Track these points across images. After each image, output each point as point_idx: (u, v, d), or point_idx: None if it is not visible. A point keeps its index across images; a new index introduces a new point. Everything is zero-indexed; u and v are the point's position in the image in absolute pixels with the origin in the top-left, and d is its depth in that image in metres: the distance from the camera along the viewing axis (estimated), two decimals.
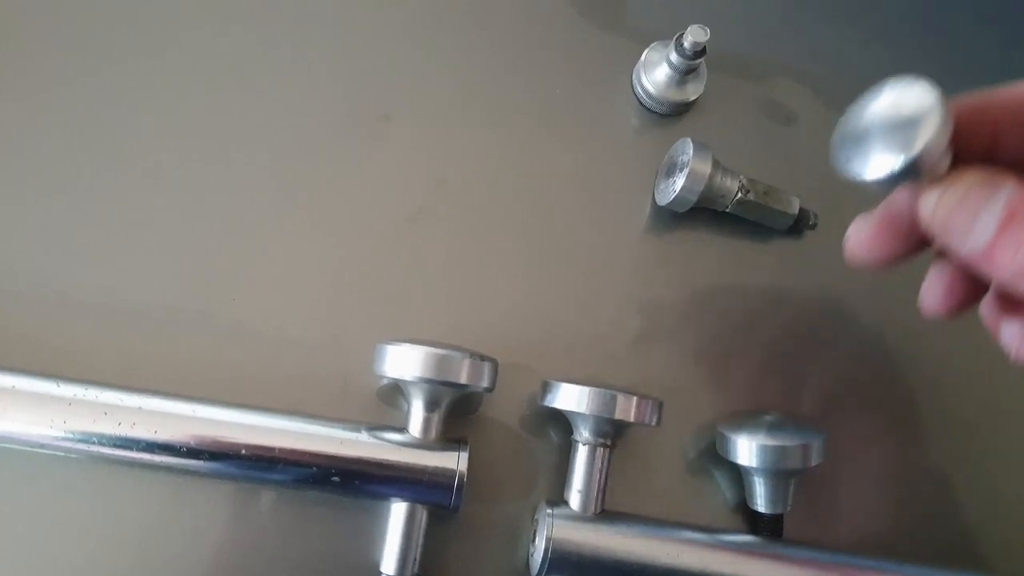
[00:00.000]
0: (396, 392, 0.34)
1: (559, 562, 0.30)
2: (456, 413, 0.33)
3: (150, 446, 0.29)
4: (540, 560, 0.30)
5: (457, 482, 0.30)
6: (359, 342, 0.33)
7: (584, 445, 0.32)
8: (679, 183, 0.35)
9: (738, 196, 0.36)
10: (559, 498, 0.32)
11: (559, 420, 0.34)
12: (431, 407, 0.31)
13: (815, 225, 0.38)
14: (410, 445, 0.30)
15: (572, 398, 0.31)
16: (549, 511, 0.31)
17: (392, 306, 0.35)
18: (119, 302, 0.33)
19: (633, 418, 0.31)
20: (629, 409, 0.30)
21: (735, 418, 0.34)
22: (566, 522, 0.31)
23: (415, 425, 0.31)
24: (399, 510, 0.30)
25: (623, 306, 0.37)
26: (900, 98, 0.21)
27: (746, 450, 0.32)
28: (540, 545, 0.31)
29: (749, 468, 0.33)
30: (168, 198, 0.34)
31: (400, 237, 0.36)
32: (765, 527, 0.33)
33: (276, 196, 0.35)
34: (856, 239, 0.26)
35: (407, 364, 0.29)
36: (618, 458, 0.34)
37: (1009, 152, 0.22)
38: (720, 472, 0.35)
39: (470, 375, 0.30)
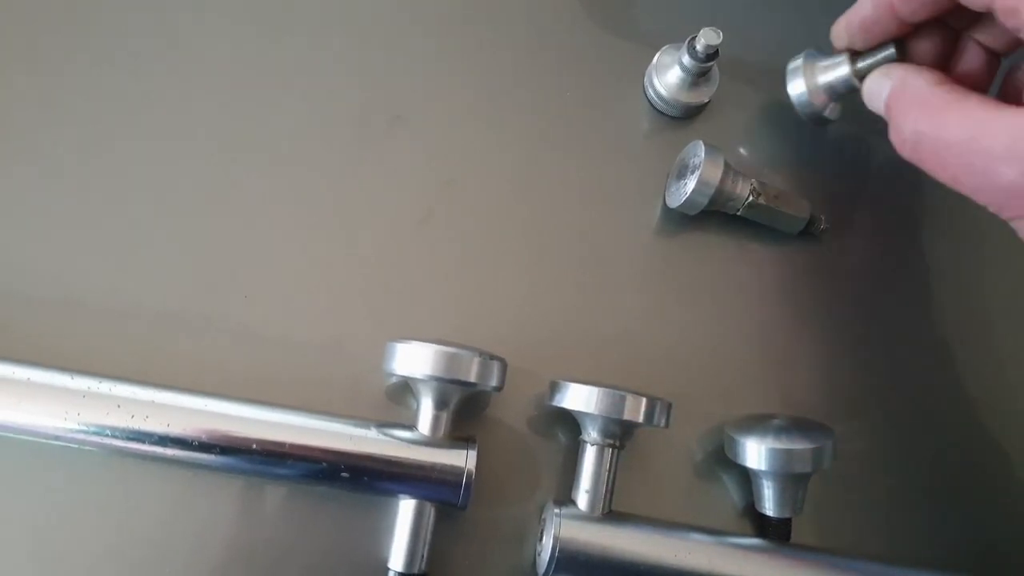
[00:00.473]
0: (405, 391, 0.34)
1: (566, 561, 0.30)
2: (465, 413, 0.34)
3: (162, 439, 0.29)
4: (547, 559, 0.30)
5: (465, 480, 0.30)
6: (368, 343, 0.33)
7: (592, 445, 0.32)
8: (690, 186, 0.35)
9: (749, 199, 0.36)
10: (567, 498, 0.32)
11: (567, 420, 0.34)
12: (440, 405, 0.31)
13: (827, 229, 0.38)
14: (419, 443, 0.31)
15: (581, 398, 0.31)
16: (557, 510, 0.31)
17: (402, 307, 0.35)
18: (131, 304, 0.33)
19: (642, 419, 0.31)
20: (638, 410, 0.31)
21: (743, 421, 0.34)
22: (573, 522, 0.31)
23: (424, 423, 0.31)
24: (407, 507, 0.30)
25: (632, 308, 0.37)
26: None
27: (754, 453, 0.32)
28: (547, 544, 0.31)
29: (757, 471, 0.32)
30: (178, 199, 0.34)
31: (410, 238, 0.36)
32: (773, 531, 0.33)
33: (286, 196, 0.35)
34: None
35: (417, 362, 0.29)
36: (626, 459, 0.34)
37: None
38: (728, 475, 0.35)
39: (479, 374, 0.30)
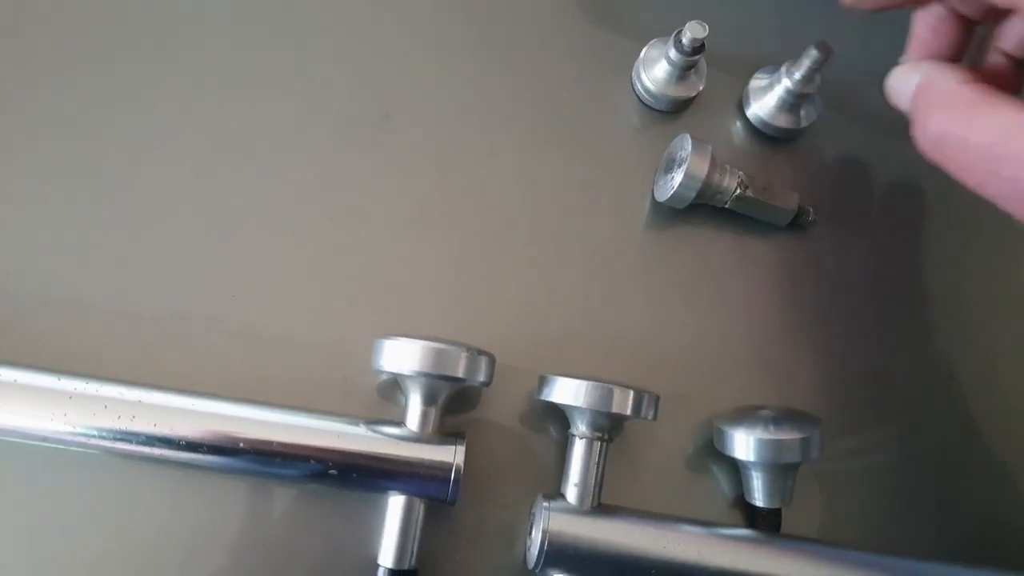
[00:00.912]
0: (396, 388, 0.34)
1: (556, 555, 0.30)
2: (454, 409, 0.34)
3: (149, 439, 0.29)
4: (537, 553, 0.30)
5: (454, 475, 0.30)
6: (360, 341, 0.33)
7: (581, 439, 0.32)
8: (677, 179, 0.35)
9: (737, 192, 0.36)
10: (556, 492, 0.32)
11: (557, 415, 0.34)
12: (428, 401, 0.31)
13: (814, 221, 0.38)
14: (407, 439, 0.31)
15: (569, 392, 0.31)
16: (546, 504, 0.31)
17: (393, 305, 0.35)
18: (123, 304, 0.33)
19: (630, 412, 0.31)
20: (626, 403, 0.31)
21: (732, 413, 0.34)
22: (563, 515, 0.31)
23: (412, 419, 0.31)
24: (396, 503, 0.30)
25: (621, 302, 0.37)
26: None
27: (743, 444, 0.32)
28: (537, 538, 0.31)
29: (746, 462, 0.33)
30: (167, 200, 0.34)
31: (400, 236, 0.36)
32: (763, 521, 0.33)
33: (277, 195, 0.35)
34: None
35: (404, 358, 0.29)
36: (616, 453, 0.34)
37: None
38: (718, 467, 0.35)
39: (467, 369, 0.30)
